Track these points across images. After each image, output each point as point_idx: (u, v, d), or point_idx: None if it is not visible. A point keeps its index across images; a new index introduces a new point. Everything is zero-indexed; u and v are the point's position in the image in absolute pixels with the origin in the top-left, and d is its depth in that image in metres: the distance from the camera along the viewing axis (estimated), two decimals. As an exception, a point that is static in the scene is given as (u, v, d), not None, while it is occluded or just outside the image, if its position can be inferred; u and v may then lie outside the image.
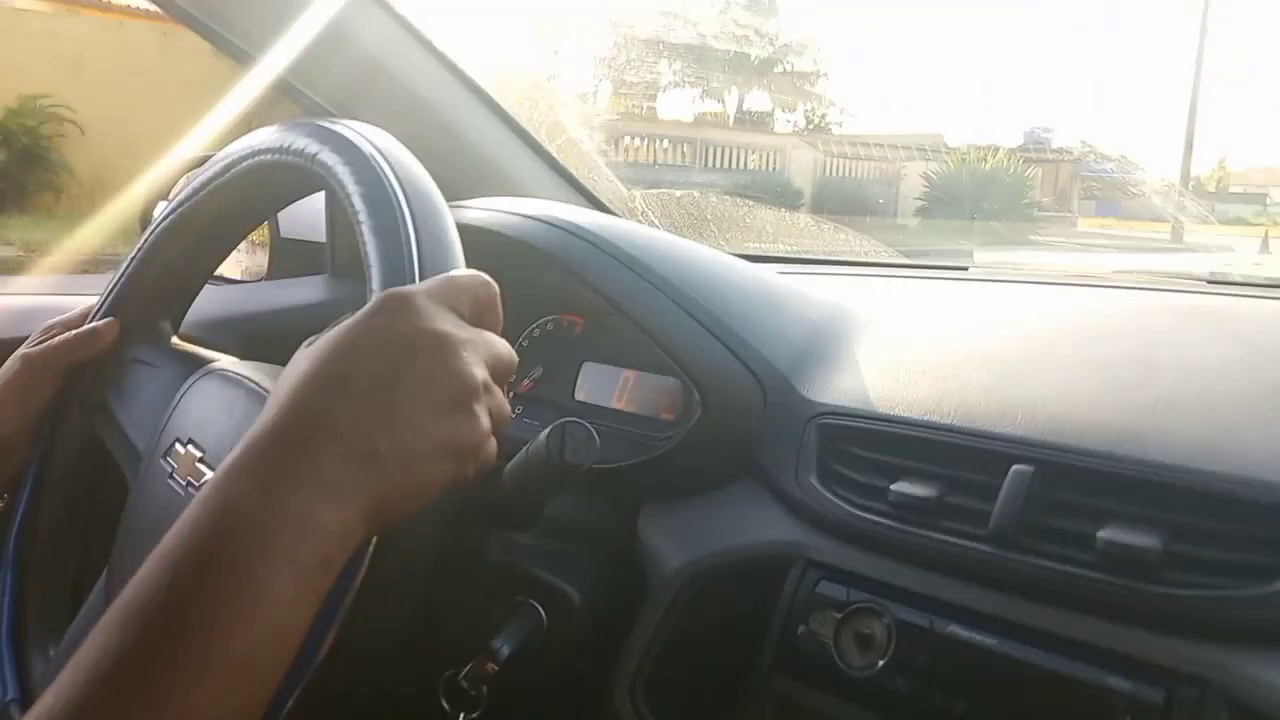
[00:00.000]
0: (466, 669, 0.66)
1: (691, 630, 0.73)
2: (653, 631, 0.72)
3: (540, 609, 0.71)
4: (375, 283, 0.54)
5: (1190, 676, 0.53)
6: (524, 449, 0.66)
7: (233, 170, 0.73)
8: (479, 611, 0.71)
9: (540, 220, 0.83)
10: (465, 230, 0.84)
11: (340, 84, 1.06)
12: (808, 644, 0.66)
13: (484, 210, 0.85)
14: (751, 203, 1.40)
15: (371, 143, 0.61)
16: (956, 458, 0.66)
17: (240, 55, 0.99)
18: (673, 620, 0.72)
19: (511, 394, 0.96)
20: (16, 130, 8.72)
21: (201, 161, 1.21)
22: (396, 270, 0.54)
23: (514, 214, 0.84)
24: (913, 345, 0.80)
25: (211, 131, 1.31)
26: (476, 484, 0.49)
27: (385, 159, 0.60)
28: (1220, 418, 0.60)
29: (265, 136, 0.69)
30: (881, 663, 0.62)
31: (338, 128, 0.64)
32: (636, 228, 0.88)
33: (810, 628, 0.66)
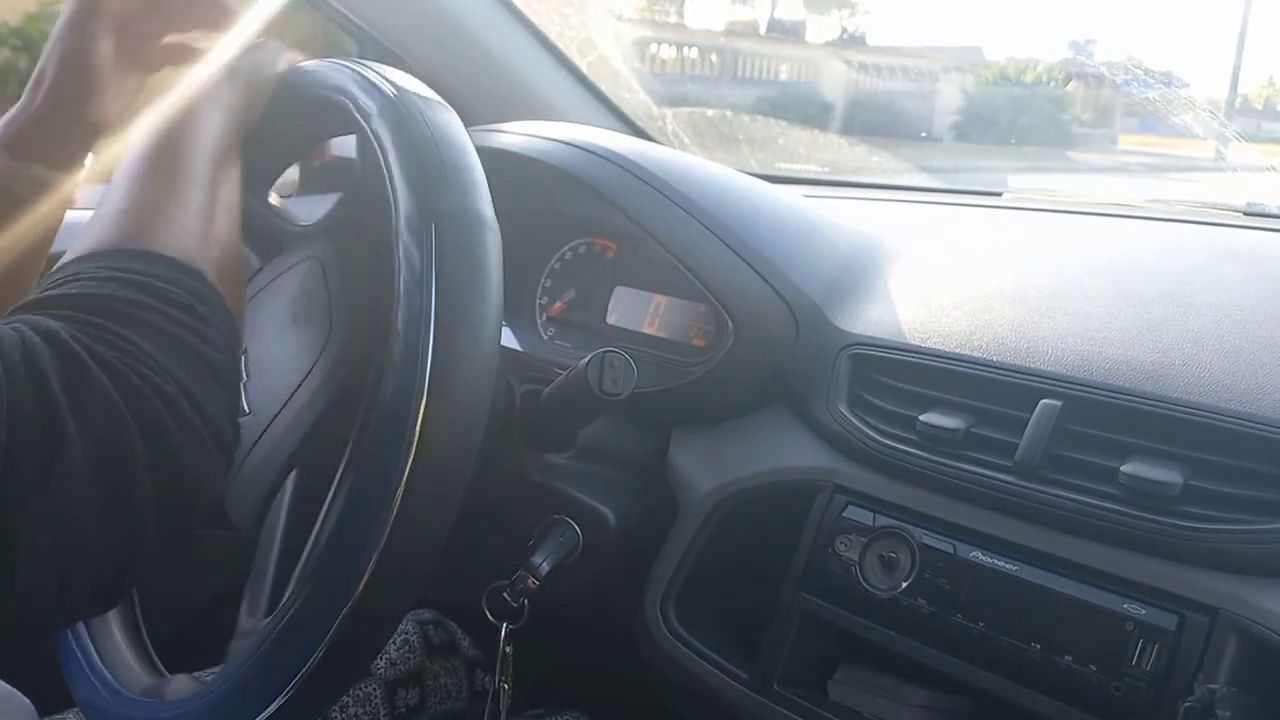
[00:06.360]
0: (509, 582, 0.70)
1: (721, 549, 0.76)
2: (683, 551, 0.76)
3: (576, 527, 0.73)
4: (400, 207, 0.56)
5: (1202, 605, 0.56)
6: (563, 375, 0.68)
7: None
8: (517, 528, 0.74)
9: (575, 146, 0.83)
10: (500, 155, 0.85)
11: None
12: (834, 565, 0.69)
13: (518, 135, 0.85)
14: (785, 123, 1.38)
15: (421, 112, 0.59)
16: (985, 390, 0.68)
17: None
18: (703, 540, 0.75)
19: (544, 315, 0.98)
20: (35, 36, 8.61)
21: None
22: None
23: (548, 139, 0.84)
24: (945, 277, 0.81)
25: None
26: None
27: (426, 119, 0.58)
28: (1248, 358, 0.61)
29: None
30: (905, 584, 0.65)
31: (392, 90, 0.60)
32: (671, 153, 0.88)
33: (836, 550, 0.69)
